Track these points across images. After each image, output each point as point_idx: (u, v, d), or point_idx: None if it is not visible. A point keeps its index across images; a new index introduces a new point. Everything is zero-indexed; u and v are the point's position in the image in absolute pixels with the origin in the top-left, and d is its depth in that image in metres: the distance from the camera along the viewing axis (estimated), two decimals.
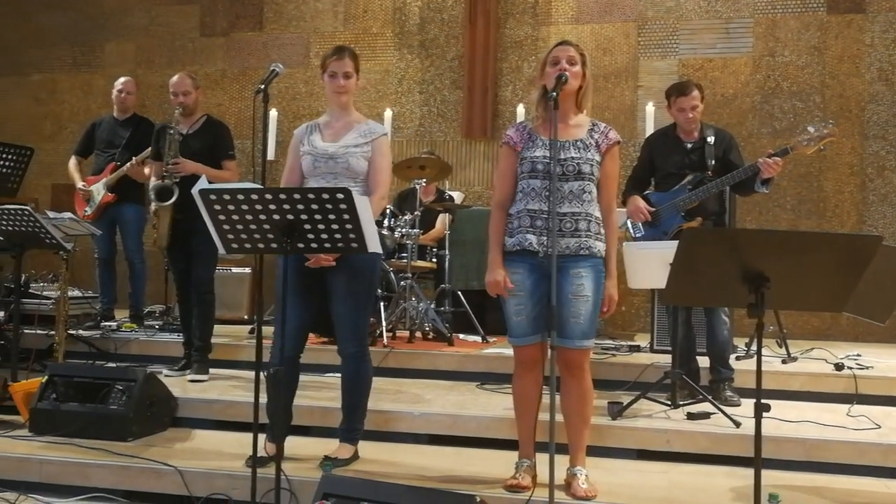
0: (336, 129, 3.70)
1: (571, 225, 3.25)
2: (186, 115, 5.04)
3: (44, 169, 8.36)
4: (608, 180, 3.35)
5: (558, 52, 3.32)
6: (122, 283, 6.30)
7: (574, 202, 3.26)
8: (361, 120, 3.76)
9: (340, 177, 3.58)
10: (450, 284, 6.04)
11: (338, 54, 3.65)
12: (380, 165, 3.66)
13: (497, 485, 3.37)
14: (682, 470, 3.76)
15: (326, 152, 3.61)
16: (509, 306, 3.31)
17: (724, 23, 7.38)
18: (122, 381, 4.13)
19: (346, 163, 3.59)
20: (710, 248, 2.67)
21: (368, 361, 3.68)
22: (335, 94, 3.68)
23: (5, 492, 3.60)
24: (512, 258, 3.30)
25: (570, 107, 3.33)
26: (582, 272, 3.24)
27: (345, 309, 3.55)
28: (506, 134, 3.45)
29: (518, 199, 3.33)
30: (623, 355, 5.36)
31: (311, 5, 8.24)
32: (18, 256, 4.67)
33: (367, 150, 3.63)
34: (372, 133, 3.68)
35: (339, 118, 3.73)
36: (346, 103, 3.71)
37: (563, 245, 3.23)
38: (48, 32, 8.88)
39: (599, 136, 3.33)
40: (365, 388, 3.69)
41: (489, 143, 7.75)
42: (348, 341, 3.59)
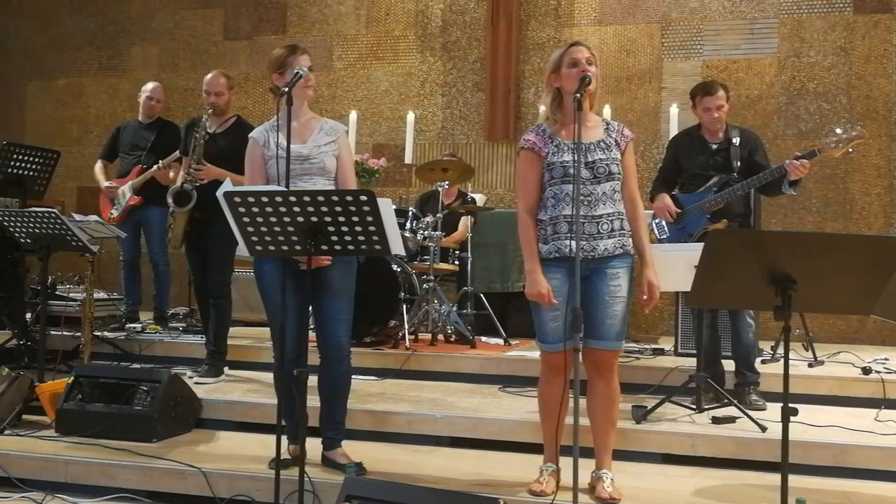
0: (297, 130, 3.60)
1: (608, 226, 3.26)
2: (217, 114, 5.03)
3: (70, 172, 8.45)
4: (630, 173, 3.35)
5: (576, 52, 3.28)
6: (147, 286, 6.35)
7: (608, 203, 3.26)
8: (318, 118, 3.76)
9: (315, 177, 3.57)
10: (472, 287, 6.02)
11: (299, 51, 3.64)
12: (347, 163, 3.69)
13: (520, 488, 3.36)
14: (707, 474, 3.72)
15: (300, 154, 3.56)
16: (545, 313, 3.26)
17: (748, 23, 7.32)
18: (146, 382, 4.16)
19: (321, 162, 3.58)
20: (736, 249, 2.64)
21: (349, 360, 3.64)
22: (305, 89, 3.61)
23: (32, 491, 3.63)
24: (548, 264, 3.26)
25: (587, 108, 3.30)
26: (619, 272, 3.25)
27: (341, 305, 3.53)
28: (526, 139, 3.38)
29: (550, 206, 3.29)
30: (647, 358, 5.32)
31: (334, 8, 8.27)
32: (45, 258, 4.71)
33: (335, 147, 3.64)
34: (335, 131, 3.68)
35: (298, 118, 3.63)
36: (307, 98, 3.68)
37: (601, 248, 3.23)
38: (74, 37, 8.98)
39: (617, 134, 3.34)
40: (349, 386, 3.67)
41: (511, 146, 7.73)
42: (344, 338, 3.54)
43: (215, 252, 4.88)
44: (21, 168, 5.35)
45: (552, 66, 3.36)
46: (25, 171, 5.38)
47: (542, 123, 3.43)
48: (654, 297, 3.29)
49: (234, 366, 5.12)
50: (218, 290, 4.96)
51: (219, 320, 4.97)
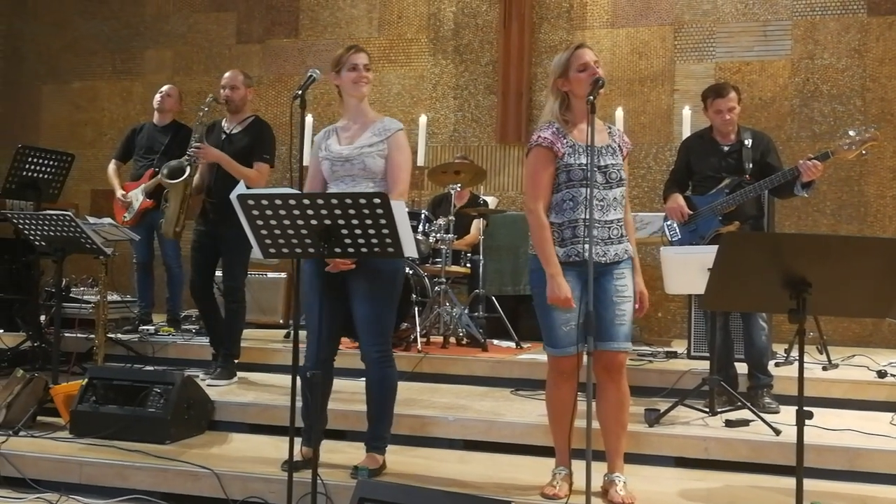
0: (353, 132, 3.65)
1: (618, 231, 3.28)
2: (232, 111, 5.03)
3: (84, 175, 8.49)
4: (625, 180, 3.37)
5: (585, 56, 3.26)
6: (160, 288, 6.38)
7: (618, 208, 3.28)
8: (377, 118, 3.70)
9: (358, 178, 3.55)
10: (484, 290, 6.02)
11: (354, 48, 3.64)
12: (397, 162, 3.59)
13: (533, 491, 3.35)
14: (721, 478, 3.70)
15: (341, 155, 3.58)
16: (557, 317, 3.23)
17: (761, 25, 7.29)
18: (160, 384, 4.17)
19: (362, 164, 3.55)
20: (750, 252, 2.63)
21: (393, 366, 3.57)
22: (356, 85, 3.60)
23: (47, 492, 3.65)
24: (563, 268, 3.21)
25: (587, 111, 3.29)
26: (624, 272, 3.27)
27: (365, 311, 3.48)
28: (541, 136, 3.28)
29: (568, 209, 3.23)
30: (659, 361, 5.30)
31: (347, 12, 8.29)
32: (60, 261, 4.74)
33: (383, 147, 3.58)
34: (387, 130, 3.62)
35: (356, 119, 3.67)
36: (364, 97, 3.66)
37: (612, 253, 3.24)
38: (88, 41, 9.04)
39: (619, 140, 3.37)
40: (391, 394, 3.58)
41: (523, 148, 7.65)
42: (370, 345, 3.51)
43: (230, 255, 4.89)
44: (36, 171, 5.38)
45: (559, 69, 3.30)
46: (40, 174, 5.41)
47: (553, 121, 3.33)
48: (645, 306, 3.32)
49: (247, 368, 5.14)
50: (232, 293, 4.97)
51: (232, 323, 4.98)
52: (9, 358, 5.21)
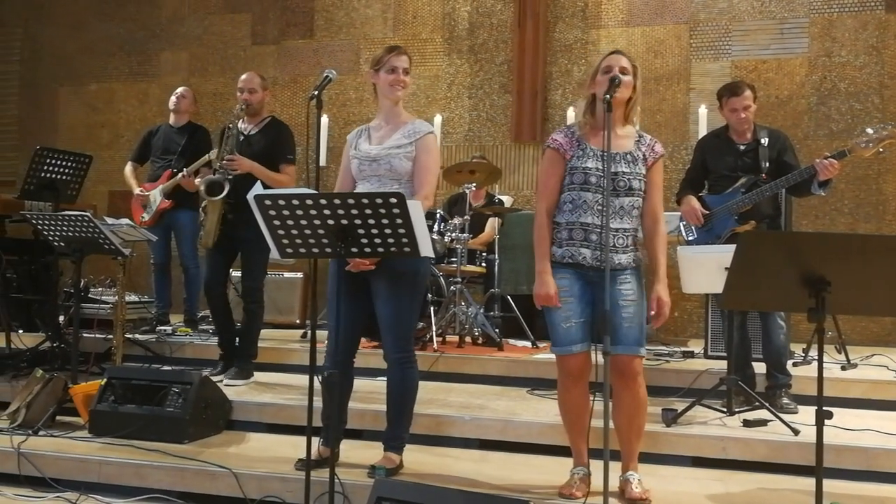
0: (384, 132, 3.66)
1: (624, 241, 3.24)
2: (251, 114, 5.03)
3: (101, 176, 8.55)
4: (656, 190, 3.32)
5: (611, 60, 3.28)
6: (177, 289, 6.41)
7: (625, 218, 3.24)
8: (409, 120, 3.70)
9: (384, 179, 3.55)
10: (499, 289, 6.02)
11: (396, 50, 3.62)
12: (425, 164, 3.58)
13: (550, 491, 3.35)
14: (739, 478, 3.68)
15: (369, 155, 3.59)
16: (556, 315, 3.24)
17: (778, 23, 7.25)
18: (178, 384, 4.19)
19: (389, 164, 3.55)
20: (769, 251, 2.62)
21: (415, 367, 3.59)
22: (392, 88, 3.59)
23: (66, 491, 3.68)
24: (559, 267, 3.26)
25: (618, 117, 3.27)
26: (628, 277, 3.23)
27: (387, 312, 3.48)
28: (553, 138, 3.36)
29: (567, 210, 3.27)
30: (676, 361, 5.29)
31: (361, 12, 8.31)
32: (78, 262, 4.76)
33: (411, 150, 3.57)
34: (416, 132, 3.61)
35: (389, 120, 3.67)
36: (398, 100, 3.65)
37: (615, 261, 3.20)
38: (105, 43, 9.10)
39: (646, 149, 3.30)
40: (411, 395, 3.60)
41: (539, 147, 7.71)
42: (392, 346, 3.52)
43: (248, 256, 4.91)
44: (54, 172, 5.41)
45: (591, 72, 3.37)
46: (58, 175, 5.44)
47: (572, 125, 3.42)
48: (663, 314, 3.23)
49: (264, 368, 5.15)
50: (251, 294, 4.97)
51: (250, 324, 4.99)
52: (28, 358, 5.24)
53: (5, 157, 9.35)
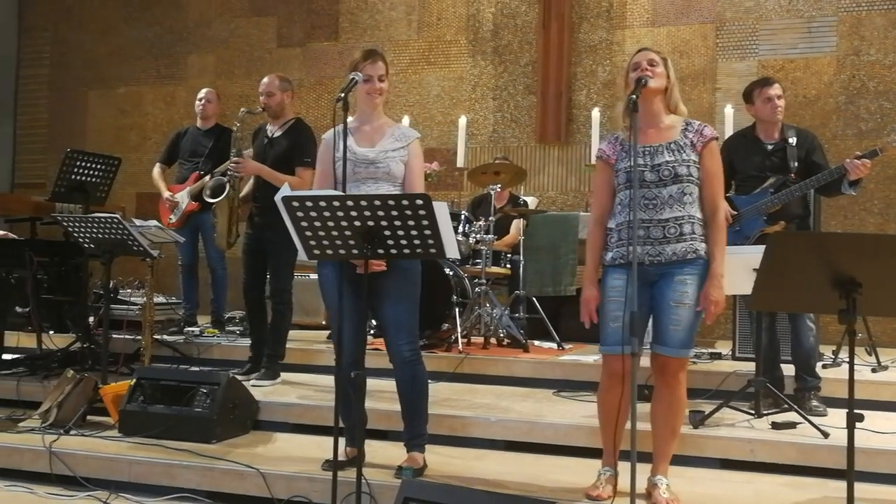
0: (368, 134, 3.65)
1: (676, 230, 3.19)
2: (272, 116, 5.08)
3: (129, 178, 8.62)
4: (710, 178, 3.26)
5: (638, 57, 3.30)
6: (204, 290, 6.46)
7: (675, 206, 3.20)
8: (392, 123, 3.74)
9: (381, 181, 3.56)
10: (524, 290, 6.01)
11: (371, 58, 3.61)
12: (416, 169, 3.64)
13: (577, 493, 3.34)
14: (767, 481, 3.65)
15: (367, 157, 3.57)
16: (606, 312, 3.25)
17: (805, 22, 7.18)
18: (206, 384, 4.23)
19: (387, 167, 3.56)
20: (799, 252, 2.60)
21: (423, 363, 3.60)
22: (369, 96, 3.62)
23: (97, 490, 3.72)
24: (614, 269, 3.27)
25: (659, 109, 3.28)
26: (687, 279, 3.18)
27: (397, 312, 3.50)
28: (599, 148, 3.42)
29: (618, 212, 3.29)
30: (704, 363, 5.25)
31: (386, 14, 8.33)
32: (108, 263, 4.81)
33: (404, 153, 3.60)
34: (407, 137, 3.65)
35: (368, 121, 3.68)
36: (377, 106, 3.68)
37: (669, 251, 3.18)
38: (133, 47, 9.20)
39: (694, 134, 3.25)
40: (424, 392, 3.61)
41: (563, 148, 7.71)
42: (402, 344, 3.52)
43: (275, 258, 4.95)
44: (84, 175, 5.47)
45: (624, 75, 3.38)
46: (88, 177, 5.50)
47: (618, 132, 3.43)
48: (709, 312, 3.18)
49: (290, 368, 5.18)
50: (277, 295, 5.01)
51: (277, 325, 5.03)
52: (59, 359, 5.30)
53: (35, 160, 9.48)
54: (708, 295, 3.17)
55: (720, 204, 3.27)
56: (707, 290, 3.18)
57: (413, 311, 3.56)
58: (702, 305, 3.18)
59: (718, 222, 3.24)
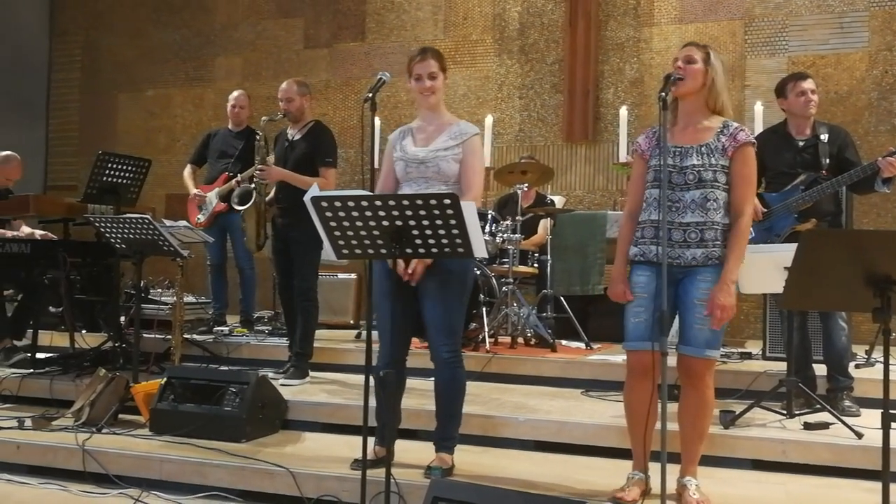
0: (428, 133, 3.64)
1: (696, 235, 3.14)
2: (293, 120, 5.16)
3: (158, 180, 8.72)
4: (740, 182, 3.16)
5: (678, 53, 3.25)
6: (233, 290, 6.51)
7: (697, 211, 3.14)
8: (453, 121, 3.68)
9: (432, 181, 3.53)
10: (551, 290, 5.99)
11: (420, 55, 3.58)
12: (472, 166, 3.58)
13: (606, 493, 3.31)
14: (801, 482, 3.61)
15: (417, 157, 3.57)
16: (628, 309, 3.24)
17: (836, 17, 7.10)
18: (235, 383, 4.25)
19: (437, 167, 3.54)
20: (832, 250, 2.56)
21: (463, 366, 3.58)
22: (422, 96, 3.61)
23: (129, 488, 3.76)
24: (637, 264, 3.27)
25: (696, 108, 3.22)
26: (710, 278, 3.13)
27: (437, 312, 3.48)
28: (635, 141, 3.41)
29: (643, 209, 3.27)
30: (734, 363, 5.20)
31: (412, 14, 8.35)
32: (139, 263, 4.87)
33: (458, 152, 3.56)
34: (463, 134, 3.59)
35: (431, 121, 3.66)
36: (434, 105, 3.64)
37: (689, 256, 3.15)
38: (162, 50, 9.30)
39: (727, 138, 3.17)
40: (460, 395, 3.59)
41: (591, 147, 7.68)
42: (441, 345, 3.50)
43: (299, 257, 4.99)
44: (115, 176, 5.54)
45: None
46: (119, 179, 5.57)
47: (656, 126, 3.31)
48: (715, 317, 3.07)
49: (319, 368, 5.20)
50: (303, 293, 5.04)
51: (304, 323, 5.05)
52: (91, 358, 5.36)
53: (67, 163, 9.61)
54: (714, 298, 3.07)
55: (746, 210, 3.16)
56: (714, 294, 3.07)
57: (455, 312, 3.52)
58: (708, 310, 3.09)
59: (741, 228, 3.14)
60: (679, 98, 3.25)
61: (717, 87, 3.21)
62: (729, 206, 3.18)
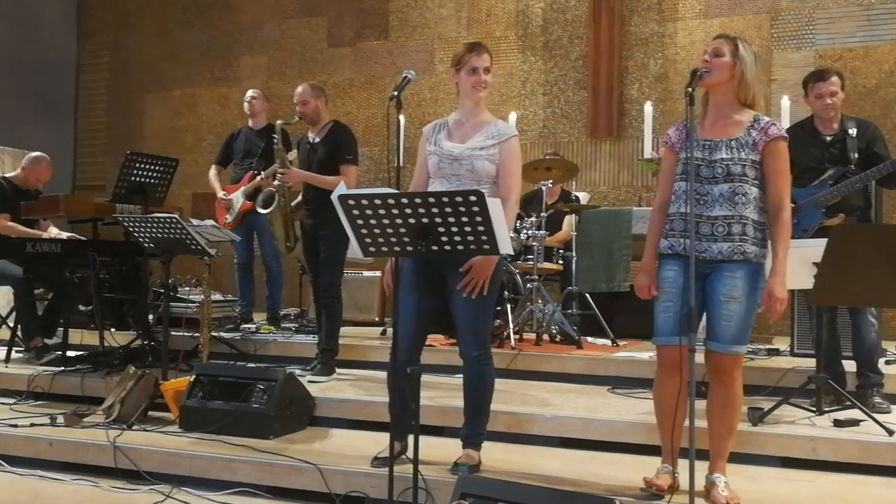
0: (465, 130, 3.62)
1: (724, 229, 3.13)
2: (310, 123, 5.22)
3: (185, 179, 8.80)
4: (774, 177, 3.14)
5: (707, 46, 3.23)
6: (259, 287, 6.56)
7: (725, 205, 3.13)
8: (491, 120, 3.65)
9: (464, 179, 3.51)
10: (577, 287, 5.98)
11: (476, 49, 3.56)
12: (511, 169, 3.55)
13: (633, 490, 3.31)
14: (830, 479, 3.58)
15: (451, 154, 3.56)
16: (657, 303, 3.24)
17: (864, 9, 7.01)
18: (263, 380, 4.29)
19: (471, 165, 3.52)
20: (862, 245, 2.55)
21: (492, 364, 3.58)
22: (474, 89, 3.56)
23: (160, 484, 3.81)
24: (666, 258, 3.26)
25: (727, 101, 3.21)
26: (737, 274, 3.11)
27: (466, 310, 3.48)
28: (666, 133, 3.39)
29: (672, 201, 3.26)
30: (761, 359, 5.16)
31: (435, 12, 8.36)
32: (167, 262, 4.92)
33: (494, 152, 3.53)
34: (501, 135, 3.55)
35: (470, 118, 3.64)
36: (480, 100, 3.62)
37: (715, 250, 3.13)
38: (188, 50, 9.39)
39: (758, 132, 3.14)
40: (489, 392, 3.60)
41: (615, 143, 7.65)
42: (470, 344, 3.52)
43: (326, 254, 5.03)
44: (143, 176, 5.61)
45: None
46: (147, 178, 5.63)
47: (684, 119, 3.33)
48: (772, 310, 3.06)
49: (345, 365, 5.23)
50: (328, 290, 5.09)
51: (330, 320, 5.09)
52: (121, 355, 5.44)
53: (96, 163, 9.73)
54: (772, 291, 3.06)
55: (785, 202, 3.14)
56: (771, 287, 3.07)
57: (487, 311, 3.53)
58: (765, 303, 3.08)
59: (783, 220, 3.12)
60: (709, 90, 3.23)
61: (746, 79, 3.19)
62: (758, 202, 3.16)
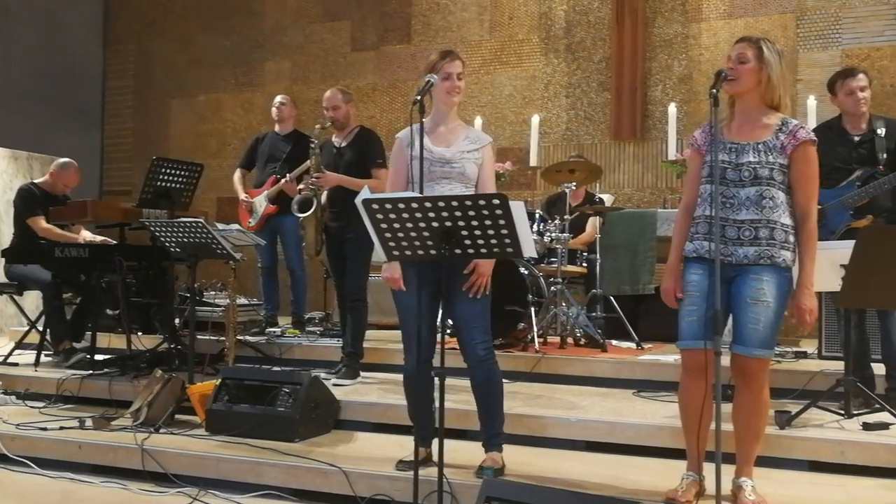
0: (443, 134, 3.67)
1: (750, 233, 3.11)
2: (339, 128, 5.25)
3: (210, 184, 8.85)
4: (801, 182, 3.11)
5: (730, 50, 3.22)
6: (284, 291, 6.59)
7: (752, 209, 3.10)
8: (465, 126, 3.77)
9: (455, 182, 3.57)
10: (601, 289, 5.95)
11: (450, 56, 3.63)
12: (489, 174, 3.69)
13: (659, 494, 3.29)
14: (860, 483, 3.54)
15: (443, 157, 3.59)
16: (682, 307, 3.22)
17: (891, 8, 6.94)
18: (288, 384, 4.31)
19: (462, 168, 3.58)
20: (890, 247, 2.52)
21: (497, 362, 3.61)
22: (448, 95, 3.62)
23: (187, 487, 3.84)
24: (691, 262, 3.24)
25: (753, 105, 3.19)
26: (763, 278, 3.08)
27: (472, 312, 3.51)
28: (692, 135, 3.38)
29: (698, 204, 3.25)
30: (788, 362, 5.11)
31: (458, 15, 8.37)
32: (193, 266, 4.96)
33: (479, 156, 3.63)
34: (481, 140, 3.68)
35: (445, 122, 3.70)
36: (454, 105, 3.69)
37: (741, 254, 3.11)
38: (212, 55, 9.47)
39: (787, 136, 3.11)
40: (500, 390, 3.63)
41: (639, 145, 7.62)
42: (477, 342, 3.53)
43: (351, 258, 5.05)
44: (169, 181, 5.66)
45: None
46: (173, 183, 5.68)
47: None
48: (803, 321, 3.08)
49: (370, 368, 5.25)
50: (354, 294, 5.11)
51: (355, 323, 5.11)
52: (147, 359, 5.48)
53: (122, 168, 9.83)
54: (800, 304, 3.07)
55: (812, 210, 3.12)
56: (799, 300, 3.08)
57: (488, 306, 3.58)
58: (795, 316, 3.10)
59: (809, 229, 3.10)
60: (734, 95, 3.22)
61: (772, 82, 3.16)
62: (787, 206, 3.13)
